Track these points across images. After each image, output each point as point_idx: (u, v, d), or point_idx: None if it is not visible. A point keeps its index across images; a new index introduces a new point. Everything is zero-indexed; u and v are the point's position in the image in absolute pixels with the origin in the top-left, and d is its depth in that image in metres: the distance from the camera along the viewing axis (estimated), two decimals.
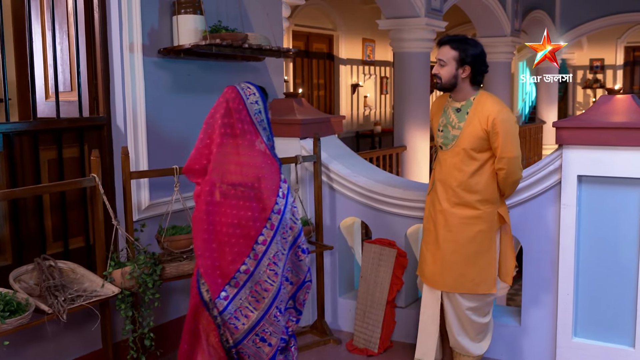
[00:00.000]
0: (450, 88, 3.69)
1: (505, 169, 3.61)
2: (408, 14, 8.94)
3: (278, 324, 3.23)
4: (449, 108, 3.74)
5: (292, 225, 3.27)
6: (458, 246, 3.72)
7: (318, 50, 13.04)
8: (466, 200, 3.68)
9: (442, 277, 3.80)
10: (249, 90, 3.27)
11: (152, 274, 3.61)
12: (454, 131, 3.68)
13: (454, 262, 3.74)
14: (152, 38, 4.22)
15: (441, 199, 3.76)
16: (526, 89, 21.20)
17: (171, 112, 4.40)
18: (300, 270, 3.40)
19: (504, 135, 3.56)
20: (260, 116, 3.24)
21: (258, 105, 3.24)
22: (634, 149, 3.76)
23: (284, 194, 3.20)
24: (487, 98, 3.66)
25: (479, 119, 3.59)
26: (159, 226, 3.92)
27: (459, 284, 3.76)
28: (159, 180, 4.20)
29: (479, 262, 3.73)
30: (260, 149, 3.20)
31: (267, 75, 5.19)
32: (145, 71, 4.16)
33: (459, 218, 3.70)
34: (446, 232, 3.74)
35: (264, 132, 3.25)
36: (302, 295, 3.45)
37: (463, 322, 3.86)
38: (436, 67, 3.67)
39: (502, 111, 3.58)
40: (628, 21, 14.57)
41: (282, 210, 3.18)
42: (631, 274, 3.89)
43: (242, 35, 4.28)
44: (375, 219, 4.72)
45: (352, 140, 13.53)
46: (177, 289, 4.52)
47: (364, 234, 6.97)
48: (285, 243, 3.22)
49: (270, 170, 3.18)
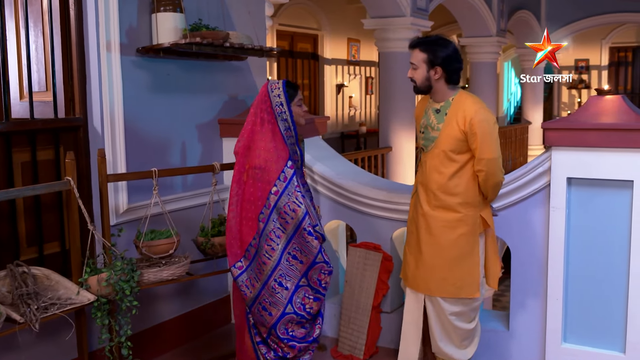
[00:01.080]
0: (426, 90, 3.65)
1: (484, 170, 3.53)
2: (393, 14, 8.87)
3: (277, 296, 3.52)
4: (429, 109, 3.69)
5: (296, 208, 3.47)
6: (439, 250, 3.65)
7: (302, 50, 12.98)
8: (447, 203, 3.61)
9: (424, 281, 3.73)
10: (275, 85, 3.61)
11: (129, 280, 3.49)
12: (433, 132, 3.62)
13: (436, 265, 3.67)
14: (131, 36, 4.10)
15: (422, 201, 3.69)
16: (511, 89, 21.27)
17: (150, 113, 4.29)
18: (309, 251, 3.52)
19: (482, 136, 3.48)
20: (281, 108, 3.57)
21: (280, 98, 3.57)
22: (625, 150, 3.68)
23: (286, 178, 3.48)
24: (466, 98, 3.60)
25: (457, 120, 3.52)
26: (138, 231, 3.80)
27: (441, 288, 3.69)
28: (137, 183, 4.08)
29: (461, 266, 3.66)
30: (276, 137, 3.54)
31: (250, 75, 5.08)
32: (123, 71, 4.05)
33: (440, 221, 3.63)
34: (428, 235, 3.67)
35: (283, 123, 3.57)
36: (315, 274, 3.57)
37: (447, 327, 3.77)
38: (410, 71, 3.66)
39: (479, 111, 3.51)
40: (613, 22, 14.60)
41: (280, 193, 3.46)
42: (622, 278, 3.81)
43: (223, 34, 4.17)
44: (360, 222, 4.63)
45: (337, 141, 13.49)
46: (157, 294, 4.41)
47: (348, 236, 6.89)
48: (287, 224, 3.49)
49: (277, 155, 3.51)
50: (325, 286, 3.63)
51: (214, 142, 4.83)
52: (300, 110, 3.71)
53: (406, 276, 3.84)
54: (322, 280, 3.61)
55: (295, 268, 3.57)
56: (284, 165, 3.52)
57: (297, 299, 3.58)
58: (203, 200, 4.39)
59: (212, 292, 4.94)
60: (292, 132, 3.60)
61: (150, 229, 3.81)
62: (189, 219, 4.35)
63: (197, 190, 4.59)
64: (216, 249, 4.03)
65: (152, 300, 4.39)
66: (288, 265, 3.55)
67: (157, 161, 4.28)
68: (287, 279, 3.55)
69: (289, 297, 3.56)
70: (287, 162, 3.53)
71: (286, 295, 3.55)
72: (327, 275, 3.61)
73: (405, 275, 3.85)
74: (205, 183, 4.44)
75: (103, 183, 3.63)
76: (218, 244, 4.03)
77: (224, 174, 4.83)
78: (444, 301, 3.70)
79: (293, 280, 3.57)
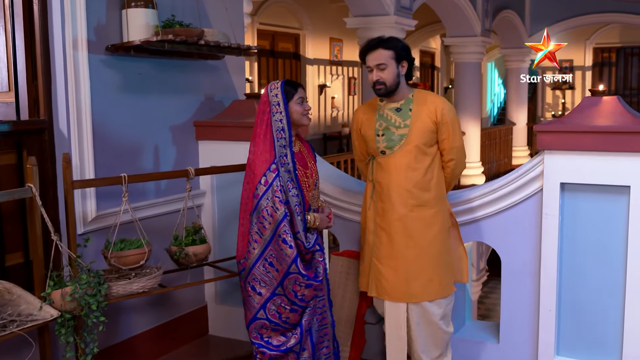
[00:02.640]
0: (395, 89, 3.58)
1: (455, 159, 3.63)
2: (377, 12, 8.69)
3: (249, 299, 3.48)
4: (384, 111, 3.65)
5: (273, 213, 3.36)
6: (421, 251, 3.58)
7: (284, 50, 12.83)
8: (423, 200, 3.58)
9: (407, 288, 3.60)
10: (274, 85, 3.51)
11: (96, 294, 3.26)
12: (400, 131, 3.57)
13: (420, 268, 3.58)
14: (99, 33, 3.88)
15: (396, 205, 3.59)
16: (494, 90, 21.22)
17: (121, 114, 4.07)
18: (282, 259, 3.39)
19: (452, 124, 3.58)
20: (278, 108, 3.47)
21: (277, 97, 3.46)
22: (621, 154, 3.51)
23: (267, 181, 3.38)
24: (426, 93, 3.67)
25: (427, 112, 3.55)
26: (106, 240, 3.57)
27: (427, 291, 3.59)
28: (107, 189, 3.86)
29: (443, 262, 3.64)
30: (266, 138, 3.45)
31: (227, 74, 4.88)
32: (91, 70, 3.82)
33: (419, 220, 3.58)
34: (406, 239, 3.58)
35: (277, 124, 3.46)
36: (290, 284, 3.42)
37: (435, 334, 3.65)
38: (375, 74, 3.55)
39: (445, 102, 3.63)
40: (597, 22, 14.57)
41: (260, 196, 3.38)
42: (618, 288, 3.64)
43: (198, 31, 3.95)
44: (343, 229, 4.45)
45: (320, 142, 13.36)
46: (129, 306, 4.20)
47: (331, 241, 6.70)
48: (264, 229, 3.40)
49: (262, 158, 3.43)
50: (302, 298, 3.46)
51: (190, 146, 4.62)
52: (301, 109, 3.53)
53: (383, 290, 3.66)
54: (297, 292, 3.44)
55: (271, 275, 3.45)
56: (267, 168, 3.41)
57: (273, 306, 3.47)
58: (178, 206, 4.16)
59: (188, 302, 4.73)
60: (285, 134, 3.46)
61: (121, 238, 3.59)
62: (163, 226, 4.14)
63: (171, 196, 4.38)
64: (190, 258, 3.81)
65: (123, 312, 4.17)
66: (264, 272, 3.45)
67: (127, 166, 4.05)
68: (262, 285, 3.46)
69: (262, 302, 3.47)
70: (270, 166, 3.42)
71: (259, 300, 3.47)
72: (304, 288, 3.44)
73: (382, 289, 3.67)
74: (180, 188, 4.22)
75: (68, 190, 3.39)
76: (192, 254, 3.80)
77: (200, 179, 4.61)
78: (432, 305, 3.60)
79: (269, 287, 3.46)
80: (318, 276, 3.47)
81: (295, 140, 3.59)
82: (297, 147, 3.58)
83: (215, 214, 4.72)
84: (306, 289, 3.43)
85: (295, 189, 3.43)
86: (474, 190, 4.07)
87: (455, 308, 4.07)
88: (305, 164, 3.59)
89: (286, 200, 3.39)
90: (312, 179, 3.59)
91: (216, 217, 4.72)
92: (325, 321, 3.67)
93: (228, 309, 4.76)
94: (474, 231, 4.08)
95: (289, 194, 3.41)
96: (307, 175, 3.57)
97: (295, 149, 3.55)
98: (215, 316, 4.87)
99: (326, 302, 3.67)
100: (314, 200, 3.61)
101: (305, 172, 3.56)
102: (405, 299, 3.61)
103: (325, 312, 3.66)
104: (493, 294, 14.28)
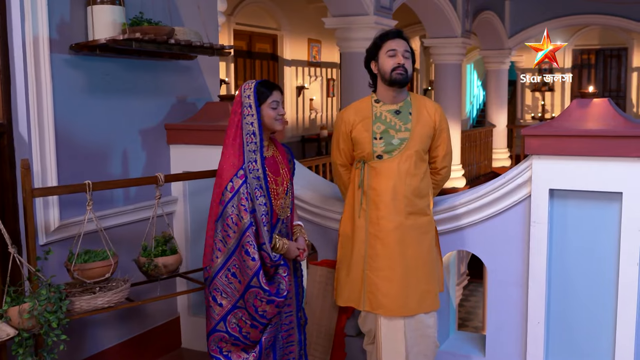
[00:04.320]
0: (406, 83, 3.45)
1: (447, 166, 3.62)
2: (356, 12, 8.53)
3: (210, 310, 3.32)
4: (382, 112, 3.49)
5: (238, 221, 3.19)
6: (419, 260, 3.46)
7: (261, 51, 12.68)
8: (419, 207, 3.48)
9: (405, 301, 3.43)
10: (248, 85, 3.33)
11: (56, 311, 3.03)
12: (400, 134, 3.43)
13: (419, 279, 3.45)
14: (63, 31, 3.66)
15: (392, 212, 3.42)
16: (473, 91, 21.19)
17: (86, 117, 3.86)
18: (244, 271, 3.21)
19: (447, 130, 3.58)
20: (249, 110, 3.28)
21: (249, 99, 3.27)
22: (613, 159, 3.36)
23: (233, 188, 3.21)
24: (421, 96, 3.61)
25: (427, 117, 3.48)
26: (70, 252, 3.35)
27: (424, 302, 3.46)
28: (72, 196, 3.61)
29: (435, 271, 3.55)
30: (235, 142, 3.28)
31: (201, 75, 4.67)
32: (54, 70, 3.60)
33: (416, 228, 3.46)
34: (405, 248, 3.44)
35: (247, 127, 3.28)
36: (250, 298, 3.21)
37: (427, 347, 3.51)
38: (401, 59, 3.39)
39: (440, 107, 3.59)
40: (577, 23, 14.56)
41: (226, 203, 3.21)
42: (610, 299, 3.49)
43: (168, 30, 3.74)
44: (322, 238, 4.26)
45: (298, 145, 13.22)
46: (95, 319, 3.98)
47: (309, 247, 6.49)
48: (228, 238, 3.22)
49: (229, 163, 3.25)
50: (263, 314, 3.24)
51: (161, 150, 4.41)
52: (274, 113, 3.32)
53: (378, 305, 3.45)
54: (258, 307, 3.22)
55: (234, 287, 3.27)
56: (234, 174, 3.24)
57: (233, 319, 3.28)
58: (148, 214, 3.93)
59: (159, 314, 4.52)
60: (256, 138, 3.26)
61: (85, 249, 3.37)
62: (133, 235, 3.94)
63: (141, 203, 4.17)
64: (160, 270, 3.60)
65: (89, 326, 3.95)
66: (227, 282, 3.28)
67: (94, 172, 3.84)
68: (223, 296, 3.29)
69: (222, 314, 3.30)
70: (237, 171, 3.24)
71: (219, 312, 3.30)
72: (265, 304, 3.22)
73: (377, 304, 3.46)
74: (151, 195, 3.98)
75: (27, 198, 3.17)
76: (162, 265, 3.59)
77: (172, 185, 4.41)
78: (427, 317, 3.47)
79: (230, 299, 3.28)
80: (280, 293, 3.25)
81: (269, 144, 3.41)
82: (270, 152, 3.39)
83: (188, 222, 4.52)
84: (267, 305, 3.23)
85: (263, 197, 3.24)
86: (459, 197, 3.90)
87: (440, 319, 3.91)
88: (277, 171, 3.39)
89: (252, 209, 3.20)
90: (282, 187, 3.39)
91: (189, 224, 4.51)
92: (291, 338, 3.48)
93: (202, 321, 4.52)
94: (459, 240, 3.91)
95: (256, 203, 3.22)
96: (278, 183, 3.37)
97: (268, 154, 3.37)
98: (188, 328, 4.67)
99: (294, 318, 3.48)
100: (283, 210, 3.40)
101: (276, 179, 3.37)
102: (404, 313, 3.43)
103: (292, 329, 3.47)
104: (473, 296, 14.24)
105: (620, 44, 17.33)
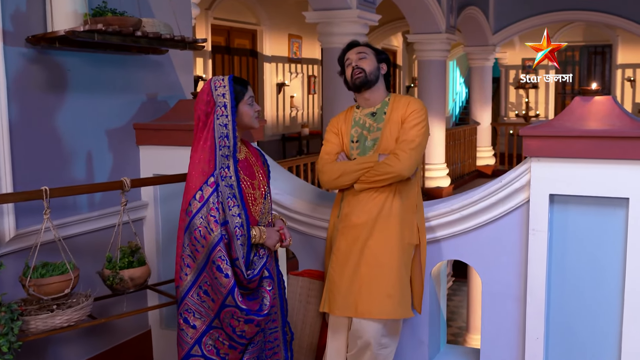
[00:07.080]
0: (373, 81, 3.46)
1: (398, 155, 3.44)
2: (338, 6, 8.27)
3: (181, 333, 3.09)
4: (361, 117, 3.54)
5: (207, 235, 2.96)
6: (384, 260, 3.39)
7: (240, 47, 12.42)
8: (393, 209, 3.42)
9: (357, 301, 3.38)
10: (220, 82, 3.07)
11: (7, 333, 2.75)
12: (372, 135, 3.46)
13: (379, 281, 3.37)
14: (18, 23, 3.37)
15: (361, 210, 3.42)
16: (456, 88, 21.04)
17: (46, 117, 3.58)
18: (217, 289, 2.99)
19: (416, 118, 3.41)
20: (223, 110, 3.04)
21: (224, 98, 3.04)
22: (618, 162, 3.14)
23: (203, 197, 2.97)
24: (402, 96, 3.56)
25: (400, 113, 3.43)
26: (25, 265, 3.05)
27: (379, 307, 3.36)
28: (30, 204, 3.33)
29: (405, 280, 3.46)
30: (206, 145, 3.04)
31: (173, 70, 4.41)
32: (8, 65, 3.31)
33: (386, 229, 3.41)
34: (367, 247, 3.41)
35: (220, 129, 3.03)
36: (227, 318, 3.00)
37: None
38: (355, 61, 3.46)
39: (421, 102, 3.51)
40: (561, 20, 14.43)
41: (193, 214, 2.98)
42: (614, 312, 3.27)
43: (134, 21, 3.44)
44: (303, 246, 4.03)
45: (278, 144, 13.02)
46: (56, 339, 3.68)
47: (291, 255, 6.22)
48: (197, 252, 2.99)
49: (199, 169, 3.02)
50: (241, 334, 3.03)
51: (129, 151, 4.14)
52: (251, 111, 3.14)
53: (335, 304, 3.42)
54: (235, 327, 3.01)
55: (207, 305, 3.05)
56: (204, 182, 3.00)
57: (209, 340, 3.07)
58: (116, 220, 3.66)
59: (129, 328, 4.24)
60: (230, 142, 3.04)
61: (43, 261, 3.09)
62: (99, 244, 3.66)
63: (108, 209, 3.88)
64: (126, 283, 3.31)
65: (51, 342, 3.66)
66: (199, 301, 3.05)
67: (55, 177, 3.55)
68: (197, 317, 3.07)
69: (197, 336, 3.07)
70: (207, 179, 3.00)
71: (193, 334, 3.07)
72: (244, 324, 3.00)
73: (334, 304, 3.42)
74: (118, 200, 3.69)
75: None
76: (128, 278, 3.32)
77: (141, 189, 4.12)
78: (382, 326, 3.38)
79: (204, 319, 3.06)
80: (263, 309, 3.03)
81: (241, 146, 3.17)
82: (242, 154, 3.17)
83: (159, 229, 4.24)
84: (246, 324, 3.00)
85: (237, 207, 2.99)
86: (451, 202, 3.66)
87: (430, 332, 3.69)
88: (252, 174, 3.15)
89: (224, 221, 2.95)
90: (259, 191, 3.15)
91: (160, 231, 4.24)
92: (277, 357, 3.25)
93: (174, 334, 4.25)
94: (451, 248, 3.69)
95: (229, 213, 2.98)
96: (254, 187, 3.13)
97: (241, 156, 3.15)
98: (160, 342, 4.40)
99: (279, 334, 3.25)
100: (263, 215, 3.17)
101: (252, 183, 3.13)
102: (349, 313, 3.38)
103: (277, 347, 3.25)
104: (456, 295, 14.11)
105: (605, 40, 17.28)
